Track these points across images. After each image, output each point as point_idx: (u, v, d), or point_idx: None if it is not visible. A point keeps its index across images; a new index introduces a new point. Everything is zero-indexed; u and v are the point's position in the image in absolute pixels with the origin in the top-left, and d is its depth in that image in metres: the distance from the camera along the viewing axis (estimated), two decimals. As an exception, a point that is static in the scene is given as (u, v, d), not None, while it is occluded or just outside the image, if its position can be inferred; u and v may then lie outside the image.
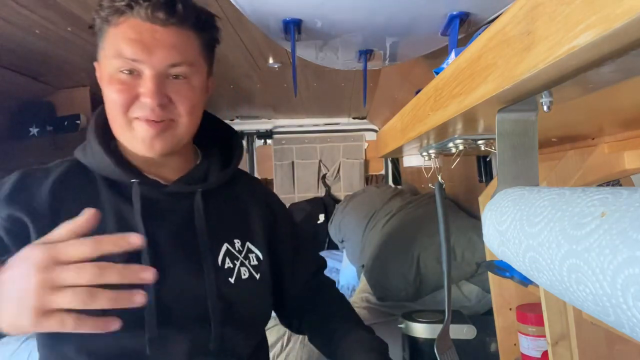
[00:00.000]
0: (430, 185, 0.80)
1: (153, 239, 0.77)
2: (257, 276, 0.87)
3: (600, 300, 0.26)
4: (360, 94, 2.17)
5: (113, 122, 0.77)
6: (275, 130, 3.02)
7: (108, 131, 0.81)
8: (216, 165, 0.88)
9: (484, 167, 1.49)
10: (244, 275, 0.85)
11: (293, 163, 3.05)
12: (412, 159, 1.61)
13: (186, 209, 0.83)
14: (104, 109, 0.81)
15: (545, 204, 0.34)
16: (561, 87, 0.34)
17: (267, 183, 3.00)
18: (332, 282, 1.07)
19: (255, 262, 0.87)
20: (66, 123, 1.79)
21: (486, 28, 0.40)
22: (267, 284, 0.89)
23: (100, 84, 0.79)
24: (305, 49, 0.98)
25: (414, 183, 2.65)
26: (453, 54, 0.69)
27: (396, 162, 2.96)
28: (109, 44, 0.74)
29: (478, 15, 0.78)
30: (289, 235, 0.98)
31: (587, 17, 0.24)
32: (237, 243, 0.86)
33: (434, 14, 0.78)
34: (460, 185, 1.86)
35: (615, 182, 0.78)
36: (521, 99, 0.40)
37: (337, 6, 0.77)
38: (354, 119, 3.02)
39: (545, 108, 0.38)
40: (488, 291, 1.31)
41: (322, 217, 2.88)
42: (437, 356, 0.80)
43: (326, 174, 3.05)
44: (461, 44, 0.71)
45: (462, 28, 0.80)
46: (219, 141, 0.93)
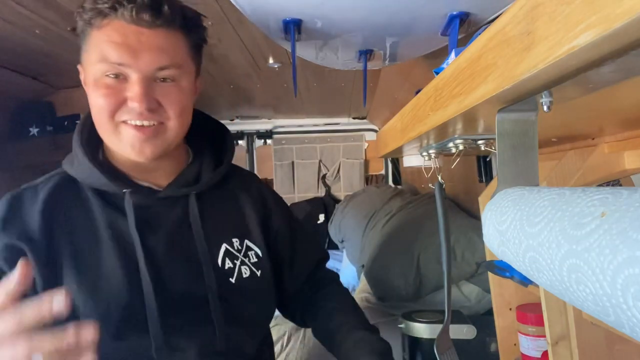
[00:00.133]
0: (430, 185, 0.80)
1: (150, 248, 0.77)
2: (258, 273, 0.86)
3: (600, 300, 0.26)
4: (360, 94, 2.17)
5: (100, 127, 0.75)
6: (275, 130, 3.02)
7: (94, 138, 0.79)
8: (208, 164, 0.87)
9: (484, 167, 1.49)
10: (245, 273, 0.84)
11: (293, 163, 3.05)
12: (412, 159, 1.61)
13: (181, 212, 0.82)
14: (88, 117, 0.80)
15: (545, 204, 0.34)
16: (561, 87, 0.34)
17: (267, 183, 3.00)
18: (335, 276, 1.05)
19: (255, 260, 0.87)
20: (66, 123, 1.79)
21: (486, 28, 0.40)
22: (268, 281, 0.88)
23: (85, 88, 0.77)
24: (305, 49, 0.98)
25: (414, 183, 2.65)
26: (453, 54, 0.69)
27: (396, 162, 2.96)
28: (93, 47, 0.71)
29: (478, 15, 0.78)
30: (285, 228, 0.96)
31: (587, 17, 0.24)
32: (236, 242, 0.86)
33: (434, 14, 0.78)
34: (460, 185, 1.86)
35: (615, 182, 0.78)
36: (521, 99, 0.40)
37: (337, 6, 0.77)
38: (354, 119, 3.01)
39: (545, 108, 0.38)
40: (488, 291, 1.31)
41: (322, 217, 2.88)
42: (437, 356, 0.80)
43: (326, 174, 3.05)
44: (461, 44, 0.71)
45: (462, 28, 0.79)
46: (210, 138, 0.91)
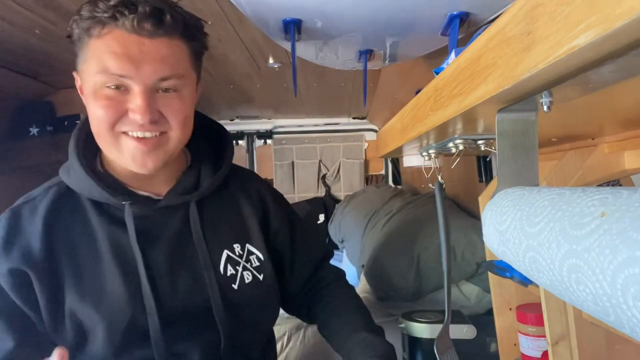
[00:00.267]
0: (430, 185, 0.80)
1: (151, 260, 0.77)
2: (261, 277, 0.85)
3: (600, 300, 0.26)
4: (360, 94, 2.17)
5: (99, 138, 0.73)
6: (275, 130, 3.02)
7: (91, 146, 0.78)
8: (207, 169, 0.85)
9: (484, 167, 1.49)
10: (247, 279, 0.84)
11: (293, 163, 3.05)
12: (412, 159, 1.61)
13: (181, 220, 0.81)
14: (84, 124, 0.78)
15: (545, 204, 0.34)
16: (561, 87, 0.34)
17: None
18: (340, 273, 1.03)
19: (257, 264, 0.86)
20: (66, 123, 1.79)
21: (486, 28, 0.40)
22: (271, 283, 0.88)
23: (81, 96, 0.75)
24: (305, 49, 0.98)
25: (414, 183, 2.65)
26: (453, 54, 0.69)
27: (396, 162, 2.96)
28: (91, 56, 0.69)
29: (478, 15, 0.78)
30: (285, 227, 0.94)
31: (587, 17, 0.24)
32: (237, 247, 0.85)
33: (434, 14, 0.78)
34: (460, 185, 1.86)
35: (615, 182, 0.78)
36: (521, 99, 0.40)
37: (337, 6, 0.77)
38: (354, 119, 3.01)
39: (545, 108, 0.38)
40: (488, 291, 1.31)
41: (322, 217, 2.88)
42: (437, 356, 0.80)
43: (326, 174, 3.05)
44: (461, 44, 0.71)
45: (462, 28, 0.79)
46: (209, 140, 0.89)
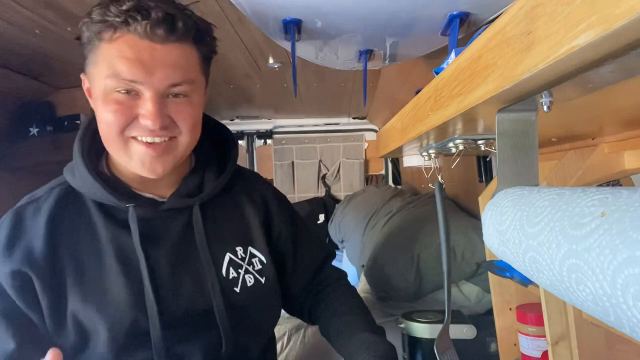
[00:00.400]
0: (430, 185, 0.80)
1: (154, 263, 0.77)
2: (263, 280, 0.86)
3: (600, 300, 0.26)
4: (360, 94, 2.17)
5: (108, 141, 0.73)
6: (275, 130, 3.02)
7: (96, 146, 0.78)
8: (211, 172, 0.85)
9: (484, 167, 1.49)
10: (249, 282, 0.84)
11: (293, 163, 3.05)
12: (412, 159, 1.60)
13: (184, 223, 0.81)
14: (89, 124, 0.78)
15: (545, 204, 0.34)
16: (561, 87, 0.34)
17: (268, 183, 2.99)
18: (342, 274, 1.03)
19: (260, 266, 0.86)
20: (66, 123, 1.79)
21: (486, 28, 0.40)
22: (273, 287, 0.88)
23: (90, 99, 0.75)
24: (305, 49, 0.98)
25: (414, 183, 2.65)
26: (453, 54, 0.69)
27: (396, 162, 2.96)
28: (102, 60, 0.68)
29: (478, 15, 0.78)
30: (287, 229, 0.95)
31: (587, 17, 0.24)
32: (240, 250, 0.85)
33: (434, 14, 0.78)
34: (460, 185, 1.86)
35: (615, 182, 0.78)
36: (521, 99, 0.40)
37: (337, 6, 0.77)
38: (354, 119, 3.01)
39: (545, 108, 0.38)
40: (488, 291, 1.31)
41: (322, 217, 2.88)
42: (437, 356, 0.80)
43: (326, 174, 3.05)
44: (461, 44, 0.71)
45: (462, 28, 0.79)
46: (213, 141, 0.89)
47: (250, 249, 0.87)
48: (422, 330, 1.00)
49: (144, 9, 0.66)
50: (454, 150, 0.71)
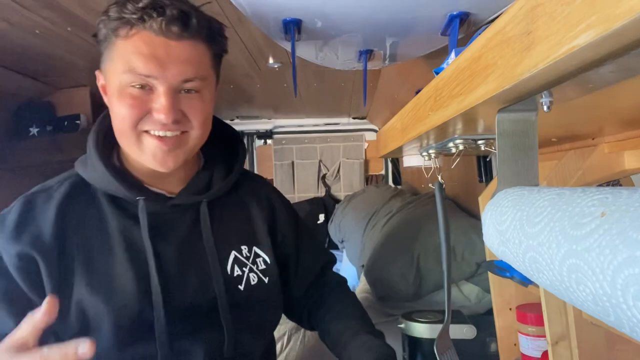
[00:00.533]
0: (430, 185, 0.80)
1: (161, 255, 0.78)
2: (266, 280, 0.87)
3: (600, 300, 0.26)
4: (360, 94, 2.17)
5: (121, 135, 0.75)
6: (275, 130, 3.02)
7: (109, 141, 0.80)
8: (220, 172, 0.87)
9: (484, 167, 1.49)
10: (253, 281, 0.85)
11: (293, 163, 3.05)
12: (412, 159, 1.60)
13: (192, 219, 0.83)
14: (105, 119, 0.80)
15: (545, 204, 0.34)
16: (561, 87, 0.34)
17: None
18: (342, 280, 1.05)
19: (263, 266, 0.87)
20: (66, 123, 1.79)
21: (486, 28, 0.40)
22: (276, 287, 0.89)
23: (104, 94, 0.77)
24: (305, 49, 0.98)
25: (414, 183, 2.65)
26: (453, 54, 0.69)
27: (396, 162, 2.96)
28: (118, 56, 0.71)
29: (478, 15, 0.78)
30: (291, 233, 0.97)
31: (587, 17, 0.24)
32: (245, 249, 0.86)
33: (434, 14, 0.78)
34: (460, 185, 1.86)
35: (615, 182, 0.78)
36: (521, 99, 0.40)
37: (337, 6, 0.77)
38: (354, 119, 3.01)
39: (545, 108, 0.38)
40: (488, 291, 1.31)
41: (322, 217, 2.88)
42: (437, 356, 0.80)
43: (326, 174, 3.05)
44: (461, 44, 0.71)
45: (462, 28, 0.79)
46: (222, 143, 0.91)
47: (255, 248, 0.88)
48: (422, 330, 1.00)
49: (159, 7, 0.69)
50: (454, 150, 0.71)
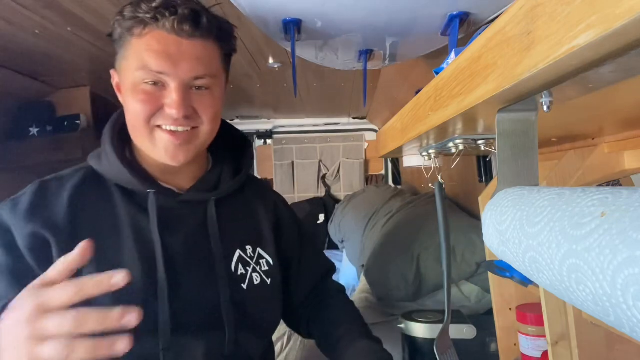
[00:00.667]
0: (430, 185, 0.80)
1: (168, 248, 0.79)
2: (268, 281, 0.88)
3: (600, 300, 0.26)
4: (360, 94, 2.17)
5: (134, 130, 0.77)
6: (275, 130, 3.02)
7: (123, 137, 0.82)
8: (228, 172, 0.90)
9: (484, 167, 1.49)
10: (256, 281, 0.86)
11: (293, 163, 3.05)
12: (412, 159, 1.60)
13: (200, 216, 0.84)
14: (120, 116, 0.82)
15: (545, 204, 0.34)
16: (561, 87, 0.34)
17: (267, 183, 3.00)
18: (341, 288, 1.07)
19: (266, 268, 0.89)
20: (66, 123, 1.79)
21: (486, 28, 0.40)
22: (277, 289, 0.90)
23: (118, 93, 0.80)
24: (305, 49, 0.98)
25: (414, 183, 2.65)
26: (453, 54, 0.69)
27: (396, 162, 2.97)
28: (132, 54, 0.73)
29: (478, 15, 0.78)
30: (294, 239, 1.00)
31: (587, 17, 0.24)
32: (249, 249, 0.88)
33: (434, 14, 0.78)
34: (460, 185, 1.86)
35: (615, 182, 0.78)
36: (521, 99, 0.40)
37: (337, 6, 0.77)
38: (354, 119, 3.02)
39: (545, 108, 0.38)
40: (488, 291, 1.31)
41: (322, 217, 2.88)
42: (437, 356, 0.80)
43: (326, 174, 3.06)
44: (461, 44, 0.71)
45: (462, 28, 0.80)
46: (230, 146, 0.94)
47: (259, 249, 0.90)
48: (422, 330, 1.00)
49: (172, 6, 0.72)
50: (454, 150, 0.71)
